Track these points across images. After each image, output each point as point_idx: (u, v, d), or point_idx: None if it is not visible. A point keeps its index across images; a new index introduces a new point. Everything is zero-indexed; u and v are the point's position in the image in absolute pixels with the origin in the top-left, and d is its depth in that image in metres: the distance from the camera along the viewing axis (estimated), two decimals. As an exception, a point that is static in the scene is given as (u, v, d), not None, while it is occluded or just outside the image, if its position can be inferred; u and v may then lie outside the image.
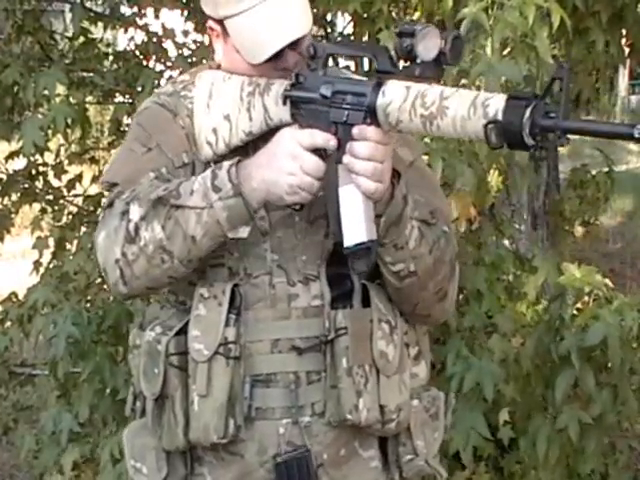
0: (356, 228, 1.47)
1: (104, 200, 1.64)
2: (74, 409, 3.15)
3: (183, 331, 1.59)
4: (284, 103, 1.53)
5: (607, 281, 2.71)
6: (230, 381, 1.55)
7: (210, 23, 1.61)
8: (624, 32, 3.42)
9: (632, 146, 13.75)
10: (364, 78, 1.54)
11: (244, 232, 1.51)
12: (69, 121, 3.19)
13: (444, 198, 1.77)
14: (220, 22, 1.58)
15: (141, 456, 1.67)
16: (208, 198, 1.48)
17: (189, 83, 1.67)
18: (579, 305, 2.70)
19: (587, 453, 2.76)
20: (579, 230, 4.88)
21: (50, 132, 3.20)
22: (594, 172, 4.26)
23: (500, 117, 1.31)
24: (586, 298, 2.69)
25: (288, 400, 1.59)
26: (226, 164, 1.50)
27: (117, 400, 3.09)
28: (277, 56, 1.54)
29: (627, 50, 3.59)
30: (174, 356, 1.58)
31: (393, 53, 1.44)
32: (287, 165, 1.47)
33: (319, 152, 1.49)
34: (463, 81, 2.41)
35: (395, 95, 1.41)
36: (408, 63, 1.42)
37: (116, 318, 3.16)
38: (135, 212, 1.51)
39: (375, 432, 1.63)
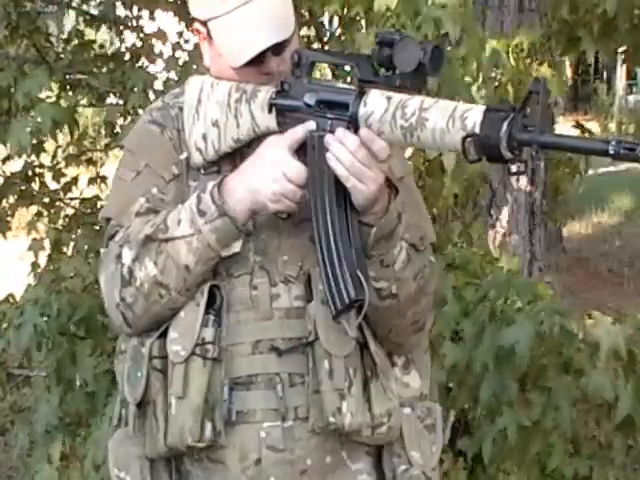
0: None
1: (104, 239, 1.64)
2: (50, 402, 3.15)
3: (160, 332, 1.57)
4: (269, 111, 1.53)
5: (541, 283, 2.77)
6: (207, 382, 1.53)
7: (196, 25, 1.62)
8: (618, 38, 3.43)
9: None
10: (347, 86, 1.54)
11: (237, 247, 1.53)
12: (58, 122, 3.18)
13: (429, 219, 1.75)
14: (205, 24, 1.59)
15: (125, 466, 1.64)
16: (195, 224, 1.50)
17: (179, 94, 1.68)
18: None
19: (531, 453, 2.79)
20: (577, 227, 4.94)
21: (41, 134, 3.20)
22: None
23: (478, 130, 1.31)
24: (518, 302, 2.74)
25: (269, 402, 1.56)
26: (210, 186, 1.51)
27: (88, 393, 3.10)
28: (260, 61, 1.54)
29: (622, 56, 3.60)
30: (157, 359, 1.57)
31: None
32: (270, 172, 1.48)
33: (303, 160, 1.49)
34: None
35: (376, 106, 1.41)
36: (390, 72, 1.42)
37: (88, 310, 3.14)
38: (127, 256, 1.52)
39: (365, 439, 1.59)
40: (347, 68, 3.40)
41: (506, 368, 2.68)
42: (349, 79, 2.77)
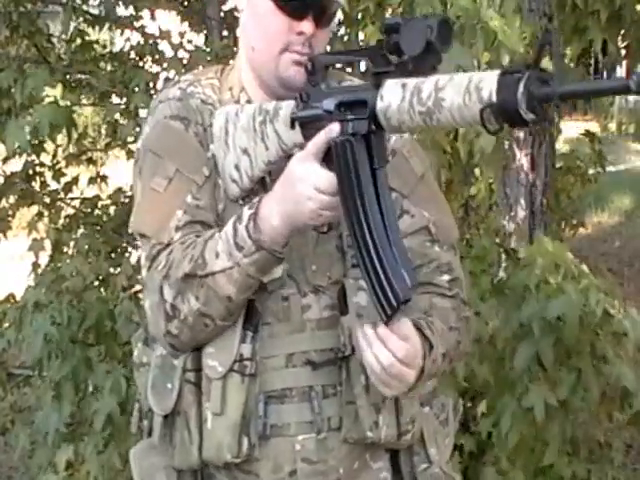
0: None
1: (142, 256, 1.58)
2: (60, 408, 3.16)
3: (198, 347, 1.55)
4: (292, 127, 1.50)
5: (581, 265, 2.72)
6: (245, 399, 1.52)
7: None
8: (622, 32, 3.43)
9: (632, 146, 13.77)
10: (363, 82, 1.52)
11: (278, 272, 1.51)
12: (55, 124, 3.18)
13: (451, 215, 1.70)
14: None
15: (150, 476, 1.62)
16: (233, 257, 1.46)
17: (195, 81, 1.64)
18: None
19: (549, 438, 2.74)
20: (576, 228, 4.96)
21: (39, 135, 3.20)
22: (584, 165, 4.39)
23: (494, 99, 1.25)
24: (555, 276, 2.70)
25: (303, 415, 1.55)
26: (245, 216, 1.47)
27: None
28: (301, 14, 1.51)
29: (624, 50, 3.61)
30: (190, 372, 1.55)
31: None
32: (301, 191, 1.42)
33: (331, 167, 1.44)
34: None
35: (393, 97, 1.37)
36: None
37: (98, 317, 3.17)
38: (168, 294, 1.50)
39: (390, 445, 1.60)
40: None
41: (545, 339, 2.63)
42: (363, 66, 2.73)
